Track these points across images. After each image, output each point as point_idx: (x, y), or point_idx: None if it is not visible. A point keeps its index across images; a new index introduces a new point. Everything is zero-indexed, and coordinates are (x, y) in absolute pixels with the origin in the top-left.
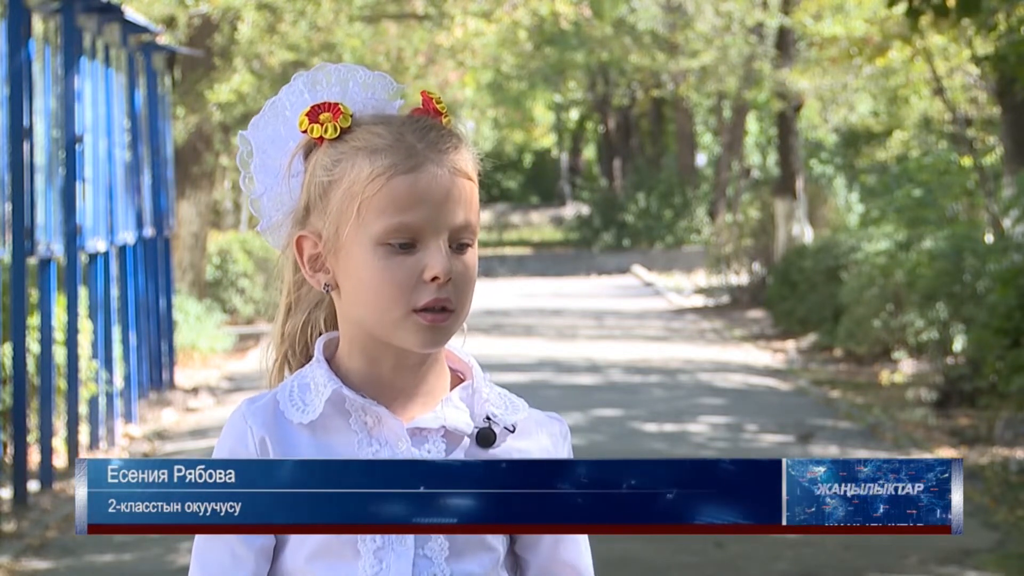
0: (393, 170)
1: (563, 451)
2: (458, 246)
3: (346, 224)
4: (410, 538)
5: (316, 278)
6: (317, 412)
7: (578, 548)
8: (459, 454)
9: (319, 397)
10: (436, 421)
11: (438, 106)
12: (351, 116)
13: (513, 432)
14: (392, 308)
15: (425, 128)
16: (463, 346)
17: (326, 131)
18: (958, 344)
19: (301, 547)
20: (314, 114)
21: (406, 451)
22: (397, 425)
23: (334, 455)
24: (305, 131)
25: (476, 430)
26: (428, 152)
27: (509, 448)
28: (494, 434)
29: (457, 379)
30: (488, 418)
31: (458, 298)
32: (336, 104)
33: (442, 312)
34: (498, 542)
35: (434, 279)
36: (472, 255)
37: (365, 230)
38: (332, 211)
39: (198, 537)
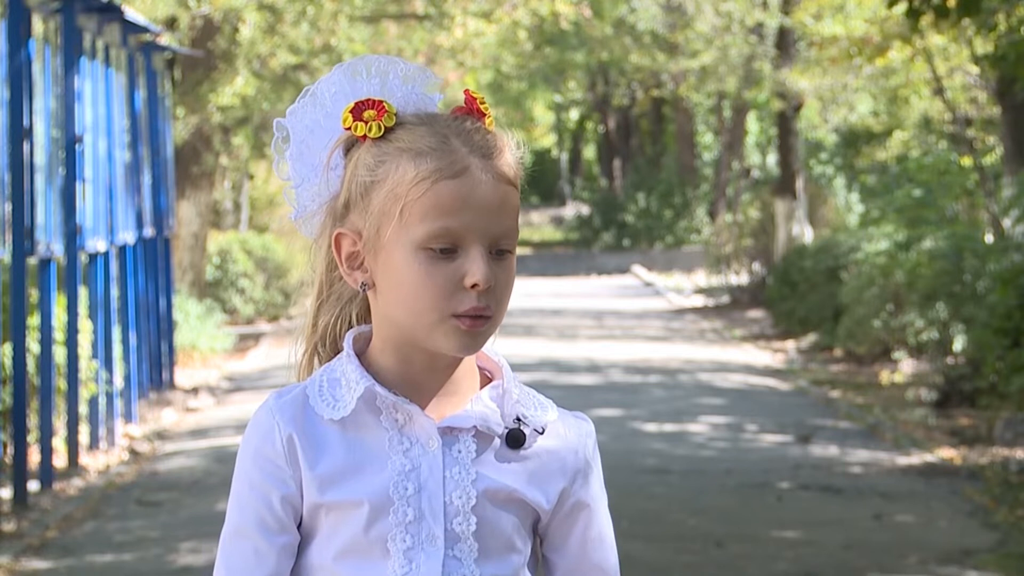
0: (438, 175)
1: (590, 450)
2: (497, 252)
3: (388, 226)
4: (440, 538)
5: (353, 276)
6: (349, 408)
7: (605, 549)
8: (489, 454)
9: (350, 393)
10: (468, 421)
11: (482, 107)
12: (395, 115)
13: (542, 433)
14: (430, 312)
15: (470, 131)
16: (493, 345)
17: (370, 130)
18: (958, 344)
19: (329, 544)
20: (358, 111)
21: (437, 450)
22: (428, 424)
23: (365, 452)
24: (349, 128)
25: (506, 431)
26: (473, 157)
27: (538, 448)
28: (524, 435)
29: (485, 378)
30: (518, 419)
31: (496, 305)
32: (381, 102)
33: (480, 318)
34: (523, 543)
35: (474, 286)
36: (511, 261)
37: (407, 233)
38: (374, 211)
39: (224, 534)
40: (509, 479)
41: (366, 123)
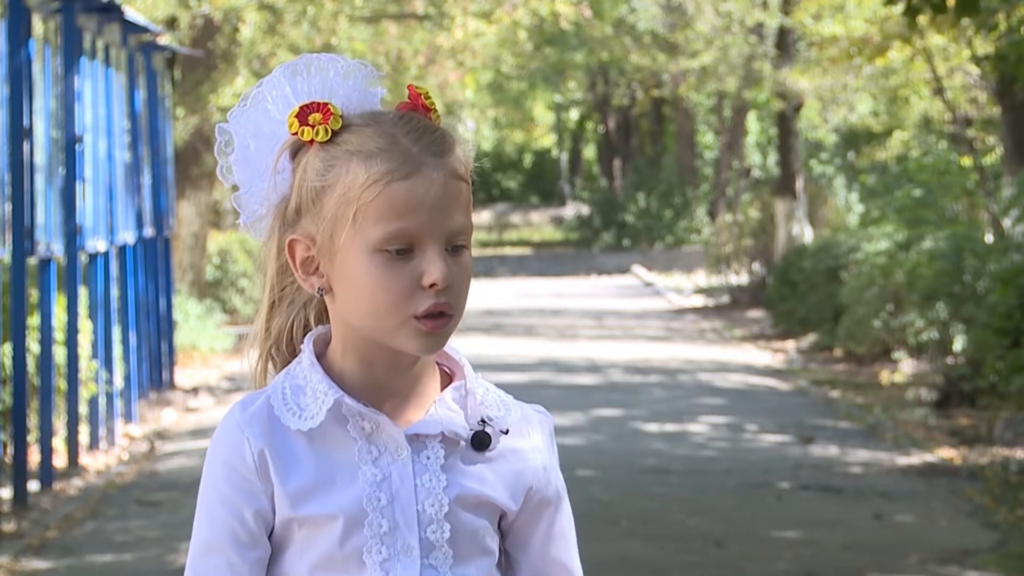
0: (390, 176)
1: (551, 447)
2: (453, 248)
3: (342, 230)
4: (416, 548)
5: (309, 281)
6: (318, 420)
7: (568, 547)
8: (456, 459)
9: (317, 403)
10: (435, 427)
11: (427, 102)
12: (341, 117)
13: (507, 434)
14: (390, 315)
15: (419, 130)
16: (452, 342)
17: (317, 134)
18: (958, 344)
19: (302, 557)
20: (303, 115)
21: (406, 458)
22: (397, 433)
23: (334, 463)
24: (295, 133)
25: (471, 433)
26: (424, 156)
27: (503, 449)
28: (489, 437)
29: (444, 375)
30: (483, 420)
31: (456, 302)
32: (326, 104)
33: (441, 317)
34: (495, 544)
35: (432, 285)
36: (467, 256)
37: (361, 236)
38: (326, 216)
39: (193, 550)
40: (479, 484)
41: (312, 127)
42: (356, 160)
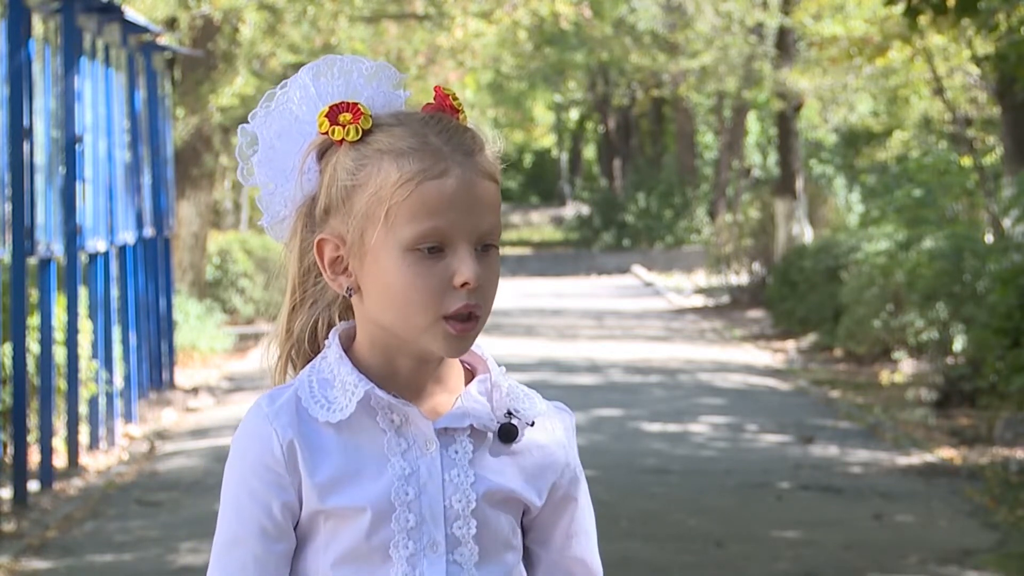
0: (423, 175)
1: (573, 443)
2: (482, 247)
3: (373, 229)
4: (442, 544)
5: (338, 281)
6: (348, 412)
7: (589, 543)
8: (483, 452)
9: (347, 395)
10: (464, 420)
11: (454, 103)
12: (371, 117)
13: (532, 426)
14: (421, 314)
15: (449, 130)
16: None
17: (348, 133)
18: (958, 344)
19: (326, 550)
20: (334, 115)
21: (435, 452)
22: (426, 426)
23: (362, 455)
24: (326, 132)
25: (498, 425)
26: (455, 155)
27: (528, 443)
28: (516, 429)
29: (467, 371)
30: (510, 412)
31: (484, 303)
32: (356, 104)
33: (469, 320)
34: (519, 540)
35: (464, 284)
36: (495, 256)
37: (393, 235)
38: (357, 215)
39: (218, 543)
40: (505, 479)
41: (343, 127)
42: (388, 159)
